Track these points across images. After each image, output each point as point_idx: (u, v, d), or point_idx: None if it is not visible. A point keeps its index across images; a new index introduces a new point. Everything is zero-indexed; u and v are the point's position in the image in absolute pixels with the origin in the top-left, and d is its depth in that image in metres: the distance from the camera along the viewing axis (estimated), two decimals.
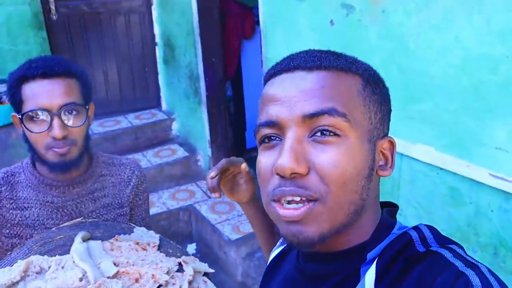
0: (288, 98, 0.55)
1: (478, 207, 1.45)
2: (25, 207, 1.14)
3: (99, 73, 3.41)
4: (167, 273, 0.88)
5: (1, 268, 0.90)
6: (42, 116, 1.03)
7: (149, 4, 3.40)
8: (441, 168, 1.52)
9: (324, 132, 0.53)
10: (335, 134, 0.53)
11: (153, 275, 0.86)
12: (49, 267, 0.89)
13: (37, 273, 0.89)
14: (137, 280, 0.85)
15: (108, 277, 0.86)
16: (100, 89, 3.43)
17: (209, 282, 0.92)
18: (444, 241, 0.56)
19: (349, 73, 0.57)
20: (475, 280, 0.47)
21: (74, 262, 0.89)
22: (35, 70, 1.02)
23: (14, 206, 1.14)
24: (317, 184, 0.53)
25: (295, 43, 1.99)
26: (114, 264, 0.89)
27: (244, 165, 0.86)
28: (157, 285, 0.85)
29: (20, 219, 1.14)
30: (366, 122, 0.56)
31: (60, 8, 3.19)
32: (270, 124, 0.56)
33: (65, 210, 1.17)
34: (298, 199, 0.53)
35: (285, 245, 0.76)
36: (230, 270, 2.61)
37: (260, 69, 2.37)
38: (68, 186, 1.16)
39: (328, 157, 0.53)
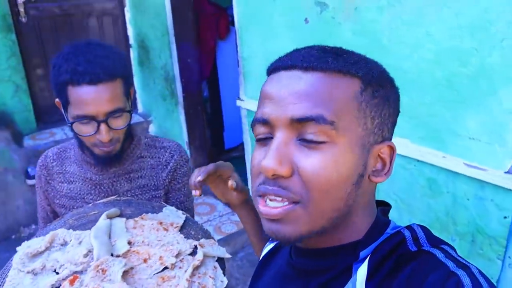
0: (280, 98, 0.55)
1: (455, 196, 1.49)
2: (71, 181, 1.25)
3: None
4: (177, 255, 0.88)
5: (36, 237, 0.96)
6: (89, 121, 1.08)
7: (122, 6, 3.35)
8: (418, 160, 1.56)
9: (312, 138, 0.53)
10: (322, 141, 0.53)
11: (160, 256, 0.87)
12: (70, 241, 0.94)
13: (61, 245, 0.95)
14: (145, 261, 0.87)
15: (118, 255, 0.88)
16: None
17: (218, 268, 0.91)
18: (436, 241, 0.57)
19: (347, 75, 0.55)
20: (465, 280, 0.48)
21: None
22: (81, 76, 1.04)
23: (63, 180, 1.26)
24: (299, 188, 0.53)
25: (271, 42, 2.00)
26: (129, 242, 0.92)
27: (230, 183, 0.86)
28: (163, 267, 0.86)
29: (66, 191, 1.25)
30: (360, 128, 0.55)
31: (30, 10, 3.11)
32: (262, 121, 0.57)
33: (102, 188, 1.24)
34: (279, 198, 0.54)
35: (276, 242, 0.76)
36: None
37: (236, 69, 2.36)
38: (106, 165, 1.21)
39: (313, 163, 0.53)
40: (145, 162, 1.27)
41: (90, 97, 1.05)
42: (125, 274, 0.84)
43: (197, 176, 0.84)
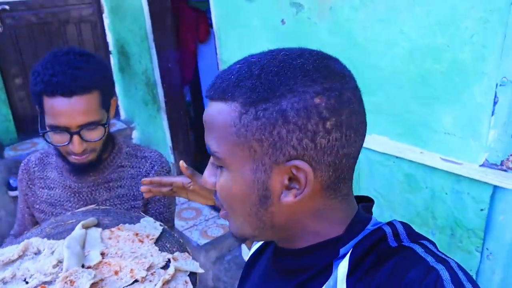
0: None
1: (433, 191, 1.51)
2: (51, 187, 1.25)
3: None
4: (149, 268, 0.88)
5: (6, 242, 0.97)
6: (62, 132, 1.08)
7: (100, 12, 3.33)
8: (397, 157, 1.58)
9: (214, 163, 0.60)
10: (220, 166, 0.58)
11: (131, 269, 0.86)
12: (44, 250, 0.94)
13: (35, 253, 0.94)
14: (116, 273, 0.86)
15: (89, 266, 0.87)
16: None
17: (189, 283, 0.91)
18: (416, 237, 0.57)
19: (227, 101, 0.54)
20: (444, 274, 0.49)
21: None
22: (54, 88, 1.03)
23: (43, 185, 1.26)
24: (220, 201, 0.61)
25: (249, 44, 2.00)
26: (102, 254, 0.91)
27: (181, 162, 0.92)
28: (133, 280, 0.85)
29: (46, 197, 1.25)
30: (243, 152, 0.54)
31: (6, 19, 3.06)
32: None
33: (81, 196, 1.24)
34: None
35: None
36: (200, 275, 2.58)
37: (217, 72, 2.37)
38: (82, 173, 1.21)
39: (218, 183, 0.59)
40: (125, 172, 1.26)
41: (63, 109, 1.04)
42: (94, 286, 0.83)
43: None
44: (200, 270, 0.93)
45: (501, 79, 1.22)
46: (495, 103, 1.26)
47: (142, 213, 1.26)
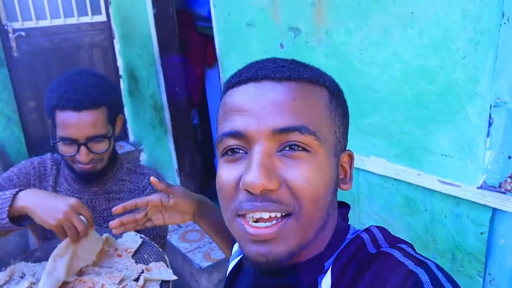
0: (257, 109, 0.52)
1: (433, 214, 1.48)
2: (58, 190, 1.33)
3: None
4: (120, 281, 0.92)
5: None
6: (71, 143, 1.17)
7: (111, 38, 3.43)
8: (395, 179, 1.56)
9: (293, 147, 0.52)
10: (305, 150, 0.52)
11: (102, 284, 0.91)
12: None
13: (20, 277, 1.00)
14: None
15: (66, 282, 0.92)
16: None
17: None
18: (394, 241, 0.57)
19: (317, 85, 0.55)
20: (424, 277, 0.49)
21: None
22: (66, 102, 1.14)
23: (53, 186, 1.33)
24: (289, 198, 0.51)
25: None
26: (81, 271, 0.97)
27: (152, 178, 0.89)
28: None
29: None
30: (332, 136, 0.56)
31: (22, 45, 3.18)
32: (236, 135, 0.53)
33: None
34: (266, 216, 0.51)
35: (240, 256, 0.73)
36: None
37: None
38: (85, 182, 1.29)
39: (301, 174, 0.51)
40: (124, 185, 1.35)
41: (73, 122, 1.14)
42: None
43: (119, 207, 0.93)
44: (173, 277, 0.97)
45: (494, 100, 1.21)
46: (490, 124, 1.25)
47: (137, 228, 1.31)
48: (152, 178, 0.88)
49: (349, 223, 0.66)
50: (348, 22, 1.52)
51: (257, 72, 0.55)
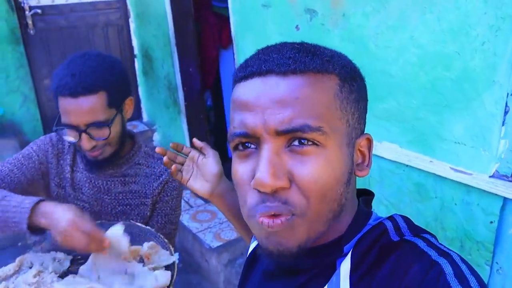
0: (262, 108, 0.52)
1: (443, 201, 1.48)
2: (75, 170, 1.33)
3: None
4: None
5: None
6: (72, 130, 1.16)
7: (126, 17, 3.43)
8: (406, 165, 1.56)
9: (302, 141, 0.52)
10: (314, 143, 0.52)
11: None
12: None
13: (29, 267, 1.03)
14: None
15: None
16: None
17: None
18: (418, 231, 0.57)
19: (325, 74, 0.54)
20: (447, 268, 0.49)
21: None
22: (63, 89, 1.11)
23: (71, 164, 1.33)
24: (298, 198, 0.52)
25: None
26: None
27: (194, 139, 0.93)
28: None
29: (69, 176, 1.32)
30: (344, 126, 0.54)
31: (38, 23, 3.21)
32: (245, 135, 0.54)
33: (96, 183, 1.31)
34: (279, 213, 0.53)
35: None
36: (212, 278, 2.61)
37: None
38: (97, 168, 1.28)
39: (308, 170, 0.51)
40: (141, 169, 1.33)
41: (71, 108, 1.12)
42: None
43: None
44: (172, 259, 1.00)
45: None
46: (506, 112, 1.23)
47: (151, 212, 1.33)
48: (194, 139, 0.94)
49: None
50: (365, 5, 1.49)
51: (261, 65, 0.54)
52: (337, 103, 0.53)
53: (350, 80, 0.56)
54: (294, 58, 0.53)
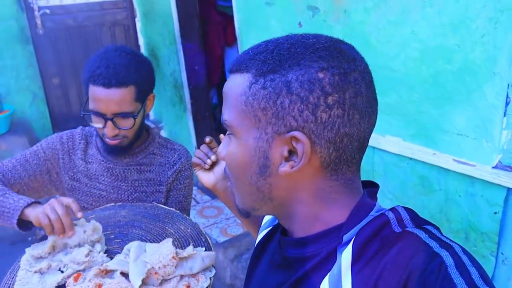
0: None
1: (447, 193, 1.49)
2: (89, 161, 1.40)
3: None
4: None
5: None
6: (98, 116, 1.24)
7: (132, 16, 3.47)
8: (410, 158, 1.57)
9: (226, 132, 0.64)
10: (230, 134, 0.62)
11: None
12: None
13: (63, 246, 1.09)
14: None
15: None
16: None
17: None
18: (420, 222, 0.57)
19: (243, 73, 0.58)
20: (448, 260, 0.49)
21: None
22: (97, 78, 1.20)
23: (82, 158, 1.40)
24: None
25: None
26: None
27: (221, 135, 0.95)
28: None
29: (83, 169, 1.39)
30: (248, 120, 0.58)
31: (46, 22, 3.26)
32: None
33: (113, 172, 1.39)
34: None
35: (270, 227, 0.77)
36: (218, 272, 2.64)
37: None
38: (115, 154, 1.37)
39: (227, 151, 0.63)
40: (155, 159, 1.41)
41: (101, 97, 1.21)
42: None
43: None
44: (213, 259, 1.05)
45: None
46: (507, 103, 1.24)
47: (165, 200, 1.40)
48: (221, 135, 0.97)
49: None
50: (366, 1, 1.51)
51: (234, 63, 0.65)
52: (242, 100, 0.58)
53: (269, 75, 0.55)
54: (236, 60, 0.62)
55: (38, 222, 1.07)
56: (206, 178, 0.99)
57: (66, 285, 0.97)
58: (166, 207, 1.30)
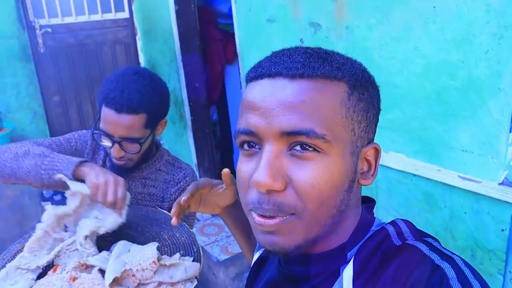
0: (267, 109, 0.52)
1: (452, 210, 1.47)
2: (104, 166, 1.41)
3: (86, 103, 3.46)
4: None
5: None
6: (107, 137, 1.26)
7: (133, 35, 3.49)
8: (414, 175, 1.56)
9: (304, 146, 0.52)
10: (315, 150, 0.52)
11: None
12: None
13: (87, 205, 1.13)
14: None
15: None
16: (88, 119, 3.48)
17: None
18: (420, 235, 0.56)
19: (333, 81, 0.53)
20: (450, 273, 0.48)
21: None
22: (110, 101, 1.21)
23: (104, 159, 1.42)
24: (294, 201, 0.52)
25: None
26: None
27: (225, 170, 0.87)
28: None
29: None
30: (349, 134, 0.54)
31: (48, 41, 3.27)
32: (249, 133, 0.54)
33: None
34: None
35: None
36: None
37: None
38: (125, 174, 1.34)
39: (306, 176, 0.52)
40: (161, 175, 1.41)
41: (112, 120, 1.22)
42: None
43: (181, 198, 0.85)
44: (197, 271, 1.00)
45: None
46: None
47: (160, 208, 1.37)
48: (224, 170, 0.89)
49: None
50: (368, 17, 1.52)
51: (271, 68, 0.55)
52: (343, 111, 0.53)
53: (361, 88, 0.55)
54: (304, 63, 0.54)
55: (96, 187, 1.11)
56: (210, 210, 0.93)
57: (47, 275, 0.98)
58: (168, 213, 1.28)
